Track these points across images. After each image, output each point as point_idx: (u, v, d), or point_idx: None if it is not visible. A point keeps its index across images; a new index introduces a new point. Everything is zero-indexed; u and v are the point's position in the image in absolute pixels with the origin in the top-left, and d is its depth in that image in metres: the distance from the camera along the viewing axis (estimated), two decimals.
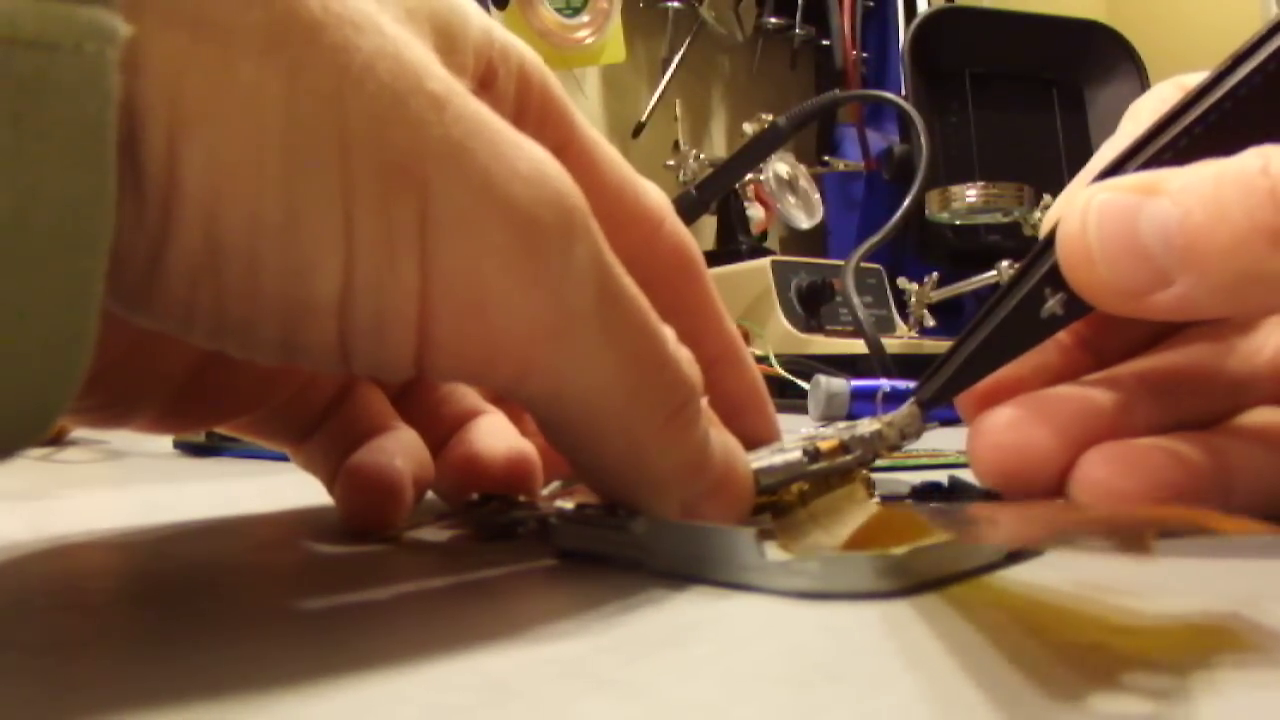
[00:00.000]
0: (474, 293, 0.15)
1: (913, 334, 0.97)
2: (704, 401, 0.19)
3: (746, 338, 0.86)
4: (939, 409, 0.24)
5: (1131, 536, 0.13)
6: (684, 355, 0.18)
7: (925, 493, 0.26)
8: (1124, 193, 0.21)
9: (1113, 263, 0.21)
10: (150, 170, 0.13)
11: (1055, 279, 0.22)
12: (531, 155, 0.16)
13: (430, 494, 0.26)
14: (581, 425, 0.18)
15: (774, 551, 0.18)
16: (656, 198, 0.24)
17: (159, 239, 0.13)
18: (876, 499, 0.23)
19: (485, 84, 0.20)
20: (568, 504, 0.21)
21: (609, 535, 0.19)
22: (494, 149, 0.15)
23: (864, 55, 1.37)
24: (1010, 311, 0.23)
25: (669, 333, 0.18)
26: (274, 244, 0.14)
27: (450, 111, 0.15)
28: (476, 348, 0.16)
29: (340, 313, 0.15)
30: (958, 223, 1.16)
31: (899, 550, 0.17)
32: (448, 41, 0.17)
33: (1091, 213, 0.21)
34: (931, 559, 0.18)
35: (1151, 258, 0.20)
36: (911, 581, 0.17)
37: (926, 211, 1.13)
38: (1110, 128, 0.26)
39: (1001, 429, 0.23)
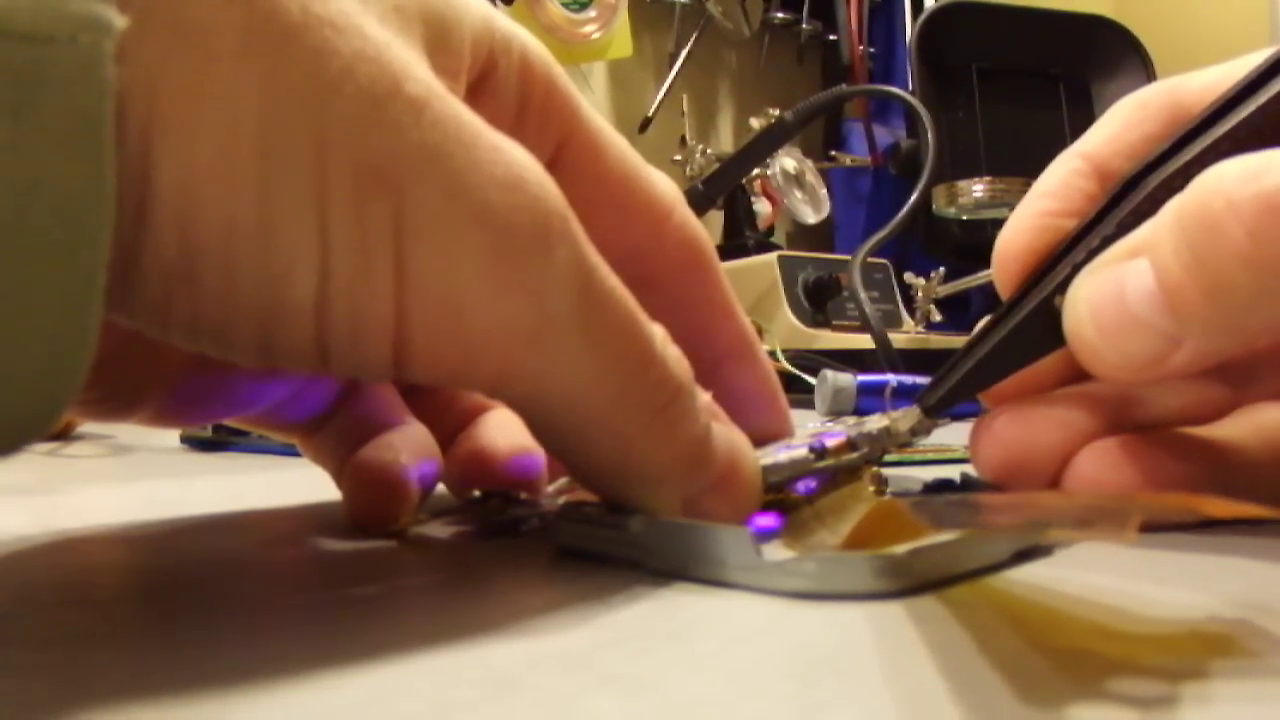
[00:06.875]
0: (450, 297, 0.15)
1: (919, 329, 0.97)
2: (707, 397, 0.19)
3: (760, 335, 0.86)
4: (942, 414, 0.24)
5: (1112, 526, 0.12)
6: (672, 353, 0.18)
7: (938, 489, 0.26)
8: (1104, 272, 0.20)
9: (1116, 346, 0.20)
10: (125, 170, 0.13)
11: (1066, 288, 0.22)
12: (510, 160, 0.16)
13: (441, 487, 0.26)
14: (566, 426, 0.18)
15: (773, 550, 0.17)
16: (665, 188, 0.23)
17: (134, 239, 0.13)
18: (889, 497, 0.23)
19: (485, 76, 0.19)
20: (569, 501, 0.21)
21: (607, 534, 0.19)
22: (471, 154, 0.15)
23: (871, 50, 1.37)
24: (1020, 320, 0.23)
25: (657, 331, 0.18)
26: (249, 247, 0.14)
27: (428, 115, 0.15)
28: (454, 351, 0.16)
29: (317, 316, 0.15)
30: (964, 218, 1.16)
31: (899, 550, 0.17)
32: (439, 37, 0.17)
33: (1081, 305, 0.21)
34: (932, 559, 0.17)
35: (1151, 326, 0.19)
36: (911, 582, 0.17)
37: (933, 206, 1.13)
38: None
39: (1002, 424, 0.23)
